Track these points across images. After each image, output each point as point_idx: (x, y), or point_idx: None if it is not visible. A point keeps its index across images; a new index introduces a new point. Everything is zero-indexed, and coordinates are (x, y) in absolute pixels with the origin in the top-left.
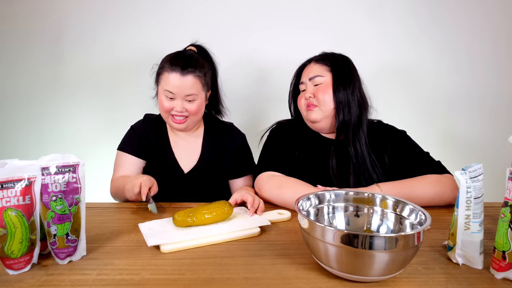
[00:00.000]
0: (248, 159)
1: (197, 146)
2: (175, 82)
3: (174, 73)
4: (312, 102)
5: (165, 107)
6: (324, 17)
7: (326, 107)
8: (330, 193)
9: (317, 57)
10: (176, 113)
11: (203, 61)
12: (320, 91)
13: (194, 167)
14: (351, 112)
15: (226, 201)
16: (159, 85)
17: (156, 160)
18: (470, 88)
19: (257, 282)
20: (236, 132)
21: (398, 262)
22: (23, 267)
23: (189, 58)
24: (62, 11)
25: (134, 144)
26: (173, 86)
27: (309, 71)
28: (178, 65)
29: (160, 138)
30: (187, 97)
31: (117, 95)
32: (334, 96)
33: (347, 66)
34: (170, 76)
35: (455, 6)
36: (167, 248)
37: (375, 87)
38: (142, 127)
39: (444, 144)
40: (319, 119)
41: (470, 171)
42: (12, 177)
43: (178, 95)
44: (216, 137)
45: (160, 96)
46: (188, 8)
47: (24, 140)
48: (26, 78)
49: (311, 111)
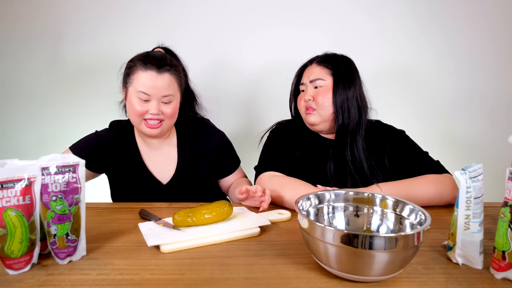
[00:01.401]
0: (231, 155)
1: (171, 154)
2: (150, 82)
3: (149, 71)
4: (311, 105)
5: (137, 111)
6: (324, 17)
7: (324, 111)
8: (330, 193)
9: (319, 59)
10: (150, 117)
11: (176, 60)
12: (320, 94)
13: (172, 177)
14: (351, 116)
15: (226, 201)
16: (130, 87)
17: (126, 173)
18: (470, 88)
19: (257, 282)
20: (211, 131)
21: (398, 262)
22: (23, 267)
23: (162, 56)
24: (63, 12)
25: (87, 151)
26: (148, 86)
27: (310, 73)
28: (152, 63)
29: (128, 149)
30: (163, 98)
31: (117, 95)
32: (333, 101)
33: (349, 69)
34: (144, 75)
35: (455, 6)
36: (167, 248)
37: (375, 87)
38: (107, 136)
39: (444, 144)
40: (318, 123)
41: (470, 171)
42: (12, 177)
43: (154, 96)
44: (191, 140)
45: (131, 99)
46: (188, 8)
47: (25, 141)
48: (26, 78)
49: (310, 114)
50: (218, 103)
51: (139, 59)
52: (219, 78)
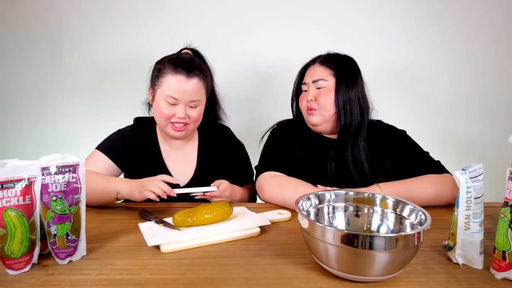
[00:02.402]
0: (247, 169)
1: (191, 156)
2: (179, 86)
3: (178, 75)
4: (312, 106)
5: (165, 114)
6: (324, 17)
7: (326, 112)
8: (330, 193)
9: (321, 58)
10: (177, 120)
11: (204, 64)
12: (322, 95)
13: (190, 180)
14: (353, 117)
15: (226, 201)
16: (159, 89)
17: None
18: (470, 88)
19: (257, 282)
20: (233, 141)
21: (398, 262)
22: (23, 267)
23: (192, 60)
24: (62, 12)
25: (116, 149)
26: (177, 91)
27: (313, 73)
28: (182, 67)
29: (150, 148)
30: (190, 102)
31: (117, 96)
32: (335, 101)
33: (351, 69)
34: (173, 79)
35: (455, 6)
36: (167, 248)
37: (376, 88)
38: (132, 134)
39: (444, 144)
40: (319, 123)
41: (470, 171)
42: (12, 177)
43: (181, 101)
44: (212, 147)
45: (158, 102)
46: (188, 8)
47: (25, 141)
48: (26, 79)
49: (312, 115)
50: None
51: (169, 62)
52: (219, 78)
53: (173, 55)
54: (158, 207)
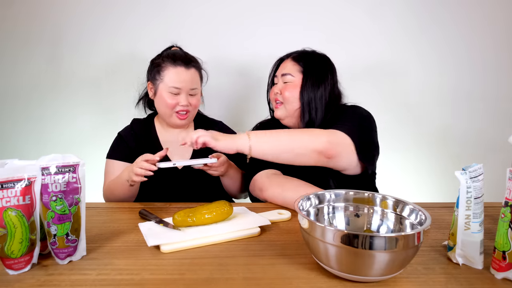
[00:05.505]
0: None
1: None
2: (180, 77)
3: (178, 67)
4: (278, 99)
5: (169, 103)
6: (324, 16)
7: (290, 106)
8: (330, 193)
9: (294, 54)
10: (181, 108)
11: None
12: (287, 89)
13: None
14: (317, 115)
15: (226, 201)
16: (161, 83)
17: None
18: (470, 87)
19: (257, 282)
20: (226, 128)
21: (398, 262)
22: (23, 267)
23: (186, 54)
24: (62, 13)
25: (122, 149)
26: (179, 81)
27: (283, 67)
28: (181, 60)
29: (150, 138)
30: (191, 91)
31: (117, 96)
32: (300, 97)
33: (322, 68)
34: (174, 71)
35: (455, 6)
36: (167, 248)
37: (375, 87)
38: (129, 131)
39: (444, 144)
40: (283, 117)
41: (470, 171)
42: (12, 177)
43: (183, 90)
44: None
45: (161, 94)
46: (189, 8)
47: (24, 141)
48: (26, 79)
49: (277, 108)
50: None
51: (168, 57)
52: (219, 78)
53: (168, 52)
54: (158, 207)
